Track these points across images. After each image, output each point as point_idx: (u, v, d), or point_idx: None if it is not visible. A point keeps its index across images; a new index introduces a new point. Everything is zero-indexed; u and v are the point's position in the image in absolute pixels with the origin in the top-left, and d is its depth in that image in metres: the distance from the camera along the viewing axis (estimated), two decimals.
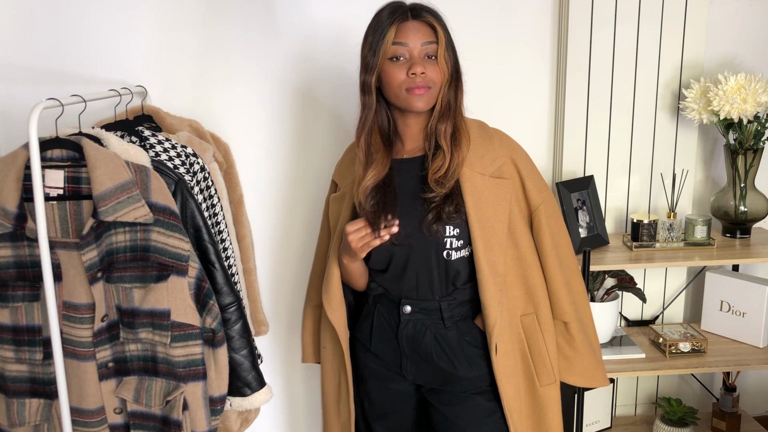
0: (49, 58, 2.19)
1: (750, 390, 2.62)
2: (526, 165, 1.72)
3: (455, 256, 1.66)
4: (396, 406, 1.80)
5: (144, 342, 1.72)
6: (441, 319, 1.70)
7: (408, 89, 1.58)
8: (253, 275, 2.25)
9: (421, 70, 1.56)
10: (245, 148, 2.28)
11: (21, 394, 1.76)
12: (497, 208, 1.65)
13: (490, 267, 1.63)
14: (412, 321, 1.71)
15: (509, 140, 1.75)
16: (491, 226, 1.64)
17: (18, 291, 1.72)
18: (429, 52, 1.58)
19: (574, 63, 2.27)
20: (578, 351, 1.77)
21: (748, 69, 2.36)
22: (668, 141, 2.36)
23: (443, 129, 1.62)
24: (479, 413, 1.70)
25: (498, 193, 1.66)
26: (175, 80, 2.23)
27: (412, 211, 1.65)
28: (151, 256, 1.68)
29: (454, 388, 1.71)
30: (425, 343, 1.70)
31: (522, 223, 1.70)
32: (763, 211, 2.29)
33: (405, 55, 1.58)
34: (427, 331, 1.70)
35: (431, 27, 1.59)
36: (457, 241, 1.65)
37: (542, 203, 1.71)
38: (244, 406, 1.87)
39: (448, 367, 1.70)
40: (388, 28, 1.56)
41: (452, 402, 1.71)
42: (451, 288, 1.69)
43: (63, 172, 1.69)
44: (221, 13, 2.21)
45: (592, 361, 1.80)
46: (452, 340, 1.70)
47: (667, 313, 2.49)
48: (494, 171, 1.67)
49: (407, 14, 1.59)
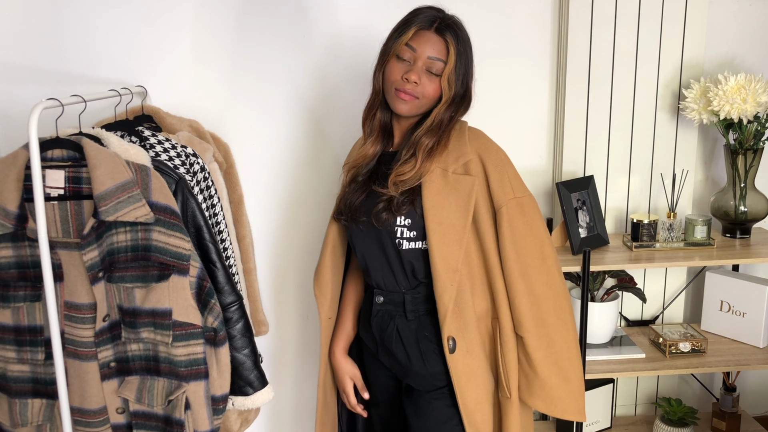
0: (49, 58, 2.19)
1: (750, 390, 2.62)
2: (496, 165, 1.67)
3: (407, 246, 1.68)
4: (384, 396, 1.85)
5: (146, 342, 1.72)
6: (404, 311, 1.73)
7: (397, 90, 1.63)
8: (253, 275, 2.25)
9: (414, 78, 1.60)
10: (245, 148, 2.28)
11: (23, 395, 1.75)
12: (458, 204, 1.64)
13: (443, 262, 1.63)
14: (381, 311, 1.76)
15: (483, 139, 1.71)
16: (449, 222, 1.64)
17: (19, 291, 1.72)
18: (432, 67, 1.61)
19: (574, 63, 2.27)
20: (536, 371, 1.67)
21: (748, 69, 2.37)
22: (668, 141, 2.36)
23: (426, 143, 1.65)
24: (435, 419, 1.70)
25: (460, 189, 1.65)
26: (175, 80, 2.23)
27: (372, 199, 1.70)
28: (152, 256, 1.68)
29: (413, 383, 1.74)
30: (388, 334, 1.75)
31: (488, 224, 1.66)
32: (763, 211, 2.30)
33: (411, 59, 1.62)
34: (391, 322, 1.74)
35: (446, 44, 1.61)
36: (408, 231, 1.67)
37: (506, 205, 1.65)
38: (246, 405, 1.87)
39: (404, 360, 1.73)
40: (409, 29, 1.62)
41: (416, 406, 1.73)
42: (415, 282, 1.72)
43: (63, 172, 1.68)
44: (221, 14, 2.21)
45: (558, 389, 1.68)
46: (410, 334, 1.72)
47: (667, 313, 2.50)
48: (458, 167, 1.67)
49: (432, 25, 1.62)
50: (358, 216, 1.72)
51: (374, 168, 1.75)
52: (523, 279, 1.66)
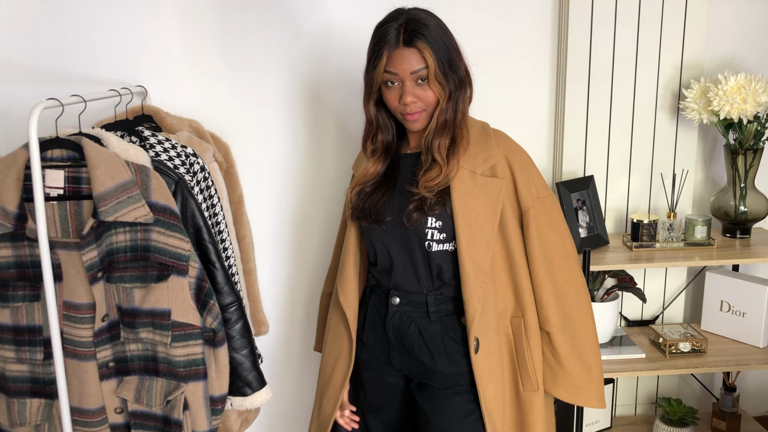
0: (49, 58, 2.19)
1: (750, 390, 2.62)
2: (522, 167, 1.71)
3: (436, 248, 1.67)
4: (388, 399, 1.82)
5: (144, 342, 1.72)
6: (426, 312, 1.72)
7: (401, 114, 1.64)
8: (253, 275, 2.25)
9: (411, 99, 1.60)
10: (245, 148, 2.28)
11: (22, 394, 1.76)
12: (486, 206, 1.66)
13: (473, 263, 1.65)
14: (399, 312, 1.74)
15: (508, 141, 1.74)
16: (478, 224, 1.65)
17: (18, 291, 1.72)
18: (420, 77, 1.60)
19: (574, 63, 2.27)
20: (562, 364, 1.74)
21: (748, 69, 2.36)
22: (668, 141, 2.36)
23: (437, 144, 1.65)
24: (457, 414, 1.70)
25: (488, 191, 1.67)
26: (175, 80, 2.23)
27: (400, 201, 1.69)
28: (152, 256, 1.68)
29: (434, 383, 1.73)
30: (409, 335, 1.73)
31: (514, 225, 1.70)
32: (763, 211, 2.29)
33: (396, 81, 1.62)
34: (412, 324, 1.73)
35: (420, 53, 1.59)
36: (439, 233, 1.67)
37: (533, 207, 1.69)
38: (244, 406, 1.87)
39: (428, 361, 1.71)
40: (381, 57, 1.60)
41: (433, 400, 1.72)
42: (438, 283, 1.71)
43: (63, 172, 1.68)
44: (221, 13, 2.21)
45: (581, 378, 1.75)
46: (435, 335, 1.71)
47: (667, 313, 2.49)
48: (486, 170, 1.68)
49: (398, 41, 1.59)
50: (383, 216, 1.70)
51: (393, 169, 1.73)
52: (549, 277, 1.71)
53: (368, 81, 1.66)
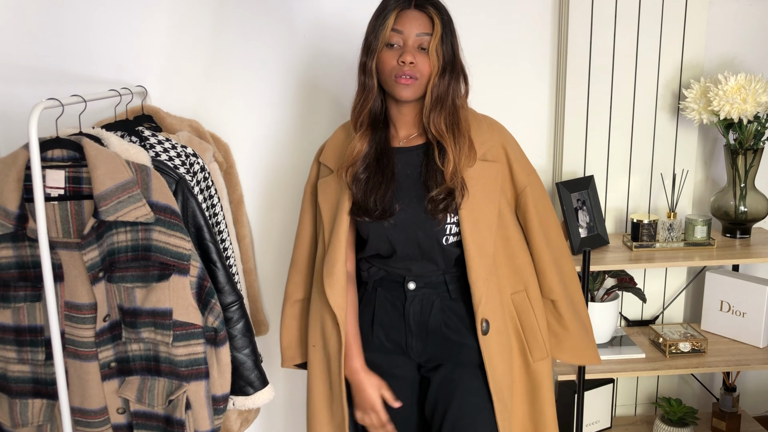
0: (49, 58, 2.19)
1: (750, 390, 2.62)
2: (514, 149, 1.76)
3: (452, 240, 1.70)
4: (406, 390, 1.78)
5: (146, 341, 1.72)
6: (447, 291, 1.73)
7: (395, 77, 1.62)
8: (253, 275, 2.25)
9: (409, 59, 1.59)
10: (245, 148, 2.28)
11: (24, 395, 1.76)
12: (486, 191, 1.68)
13: (478, 248, 1.66)
14: (418, 296, 1.74)
15: (498, 125, 1.78)
16: (480, 209, 1.67)
17: (20, 291, 1.72)
18: (422, 43, 1.61)
19: (574, 63, 2.27)
20: (567, 329, 1.80)
21: (748, 69, 2.36)
22: (668, 141, 2.36)
23: (434, 120, 1.64)
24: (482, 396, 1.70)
25: (487, 176, 1.69)
26: (175, 80, 2.22)
27: (414, 201, 1.69)
28: (153, 256, 1.68)
29: (461, 358, 1.72)
30: (433, 317, 1.73)
31: (507, 205, 1.74)
32: (763, 211, 2.30)
33: (400, 42, 1.61)
34: (434, 304, 1.73)
35: (430, 18, 1.61)
36: (456, 227, 1.68)
37: (528, 185, 1.75)
38: (246, 405, 1.87)
39: (457, 337, 1.72)
40: (390, 14, 1.60)
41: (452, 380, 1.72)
42: (451, 264, 1.74)
43: (64, 172, 1.68)
44: (221, 13, 2.21)
45: (582, 339, 1.83)
46: (460, 310, 1.72)
47: (667, 313, 2.50)
48: (482, 154, 1.70)
49: (411, 2, 1.61)
50: (392, 212, 1.68)
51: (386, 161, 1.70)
52: (549, 249, 1.77)
53: (369, 42, 1.64)
